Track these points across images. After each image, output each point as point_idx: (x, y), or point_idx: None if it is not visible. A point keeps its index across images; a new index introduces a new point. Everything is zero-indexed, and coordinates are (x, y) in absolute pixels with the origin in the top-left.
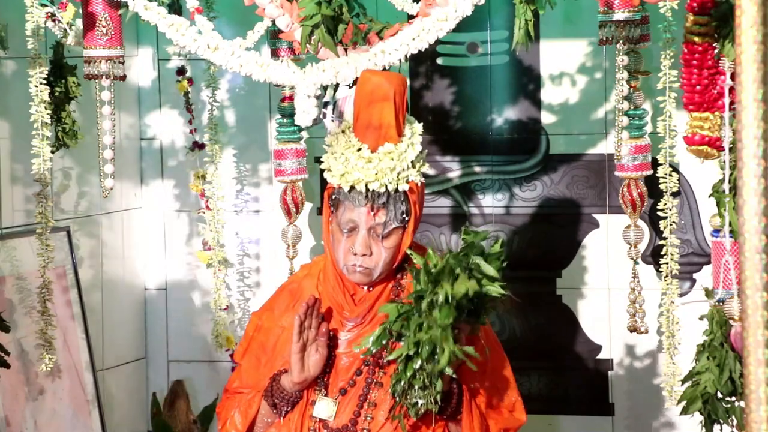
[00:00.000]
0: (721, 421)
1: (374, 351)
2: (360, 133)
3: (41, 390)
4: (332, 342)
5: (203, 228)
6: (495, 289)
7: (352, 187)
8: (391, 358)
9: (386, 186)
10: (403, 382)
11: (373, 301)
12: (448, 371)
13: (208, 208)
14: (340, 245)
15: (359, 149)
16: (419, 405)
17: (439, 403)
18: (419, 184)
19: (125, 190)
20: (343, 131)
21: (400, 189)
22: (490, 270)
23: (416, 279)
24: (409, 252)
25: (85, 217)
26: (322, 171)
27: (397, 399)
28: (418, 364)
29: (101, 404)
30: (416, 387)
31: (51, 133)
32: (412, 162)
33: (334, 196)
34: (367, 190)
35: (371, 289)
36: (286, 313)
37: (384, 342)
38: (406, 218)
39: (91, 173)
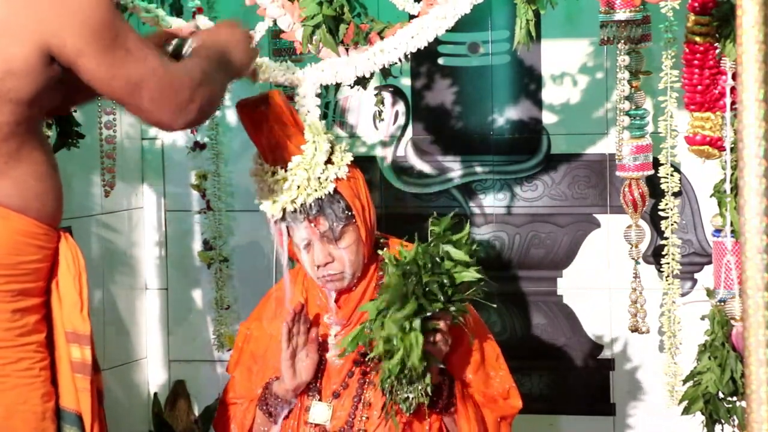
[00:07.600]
0: (723, 421)
1: (350, 351)
2: (266, 159)
3: None
4: (321, 346)
5: (204, 227)
6: (470, 274)
7: (284, 210)
8: (371, 355)
9: (313, 195)
10: (390, 378)
11: (356, 302)
12: (437, 363)
13: (209, 208)
14: (306, 262)
15: (274, 173)
16: (410, 399)
17: (430, 396)
18: (346, 176)
19: (127, 190)
20: (260, 164)
21: (328, 191)
22: (461, 255)
23: (387, 275)
24: (380, 252)
25: (87, 217)
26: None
27: (388, 396)
28: (396, 359)
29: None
30: (404, 382)
31: (52, 133)
32: (327, 161)
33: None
34: (300, 206)
35: (354, 289)
36: (273, 321)
37: (362, 342)
38: (350, 213)
39: (93, 173)
